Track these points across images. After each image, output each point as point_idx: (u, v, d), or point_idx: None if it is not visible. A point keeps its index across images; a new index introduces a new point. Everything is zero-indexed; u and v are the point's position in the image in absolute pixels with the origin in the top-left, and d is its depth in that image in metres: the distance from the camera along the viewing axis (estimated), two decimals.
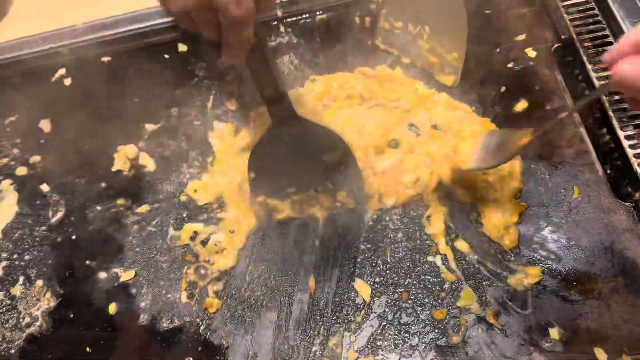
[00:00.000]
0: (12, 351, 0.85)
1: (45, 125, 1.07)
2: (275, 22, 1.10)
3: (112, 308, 0.85)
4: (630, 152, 0.84)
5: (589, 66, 0.93)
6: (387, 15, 1.00)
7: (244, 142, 0.94)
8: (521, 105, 0.92)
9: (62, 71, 1.12)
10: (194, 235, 0.90)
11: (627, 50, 0.53)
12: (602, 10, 0.99)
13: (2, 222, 0.97)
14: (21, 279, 0.91)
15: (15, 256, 0.93)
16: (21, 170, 1.02)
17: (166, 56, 1.10)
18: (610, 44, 0.96)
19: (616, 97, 0.89)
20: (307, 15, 1.10)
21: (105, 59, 1.12)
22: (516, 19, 1.01)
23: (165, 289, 0.86)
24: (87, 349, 0.83)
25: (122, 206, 0.94)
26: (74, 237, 0.93)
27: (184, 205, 0.93)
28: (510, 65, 0.96)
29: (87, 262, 0.90)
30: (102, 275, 0.88)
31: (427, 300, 0.78)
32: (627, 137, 0.85)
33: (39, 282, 0.90)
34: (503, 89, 0.94)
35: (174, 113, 1.03)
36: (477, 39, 0.99)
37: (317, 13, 1.10)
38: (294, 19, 1.10)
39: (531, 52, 0.97)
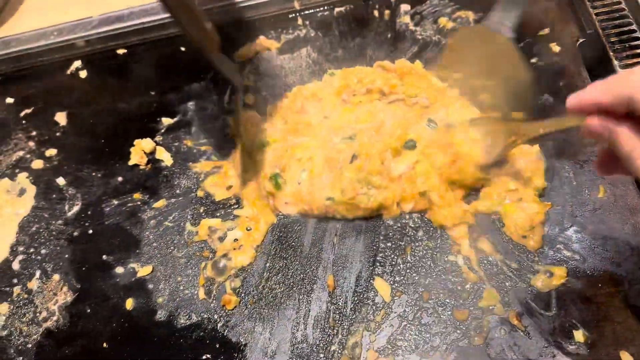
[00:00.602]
0: (29, 345, 0.85)
1: (61, 118, 1.06)
2: (293, 15, 1.08)
3: (129, 303, 0.85)
4: None
5: (615, 62, 0.91)
6: (444, 67, 0.95)
7: (263, 137, 0.93)
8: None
9: (77, 63, 1.12)
10: (211, 230, 0.89)
11: (591, 105, 0.57)
12: (629, 4, 0.97)
13: (18, 216, 0.97)
14: (38, 273, 0.91)
15: (31, 250, 0.93)
16: (37, 164, 1.02)
17: (182, 49, 1.09)
18: (637, 39, 0.93)
19: None
20: (325, 7, 1.08)
21: (121, 51, 1.11)
22: (540, 12, 0.99)
23: (183, 285, 0.85)
24: (104, 345, 0.82)
25: (138, 201, 0.94)
26: (90, 231, 0.92)
27: (201, 201, 0.92)
28: (534, 60, 0.94)
29: (104, 256, 0.89)
30: (119, 270, 0.88)
31: (448, 301, 0.77)
32: None
33: (56, 277, 0.90)
34: None
35: (191, 107, 1.02)
36: None
37: (336, 5, 1.08)
38: (311, 11, 1.09)
39: (555, 47, 0.95)
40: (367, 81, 0.95)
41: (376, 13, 1.05)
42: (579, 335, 0.72)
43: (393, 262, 0.81)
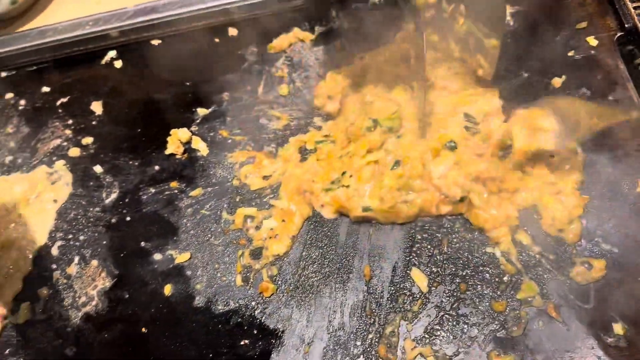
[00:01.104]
0: (69, 329, 0.86)
1: (97, 107, 1.08)
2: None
3: (168, 289, 0.86)
4: None
5: None
6: None
7: (297, 130, 0.93)
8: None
9: (112, 53, 1.13)
10: (248, 219, 0.90)
11: None
12: None
13: (57, 203, 0.98)
14: (76, 258, 0.92)
15: (70, 236, 0.95)
16: (74, 152, 1.03)
17: (216, 40, 1.10)
18: None
19: None
20: None
21: (155, 42, 1.12)
22: (577, 6, 0.98)
23: (220, 272, 0.86)
24: (143, 329, 0.84)
25: (175, 189, 0.95)
26: (128, 218, 0.94)
27: (237, 190, 0.93)
28: (570, 53, 0.94)
29: (142, 243, 0.91)
30: (157, 256, 0.89)
31: (486, 292, 0.77)
32: None
33: (94, 262, 0.91)
34: (563, 77, 0.91)
35: (225, 98, 1.03)
36: (536, 26, 0.97)
37: None
38: (345, 3, 1.08)
39: (593, 41, 0.94)
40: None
41: None
42: (618, 328, 0.72)
43: (429, 253, 0.82)
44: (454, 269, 0.80)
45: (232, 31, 1.10)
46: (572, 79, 0.92)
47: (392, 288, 0.80)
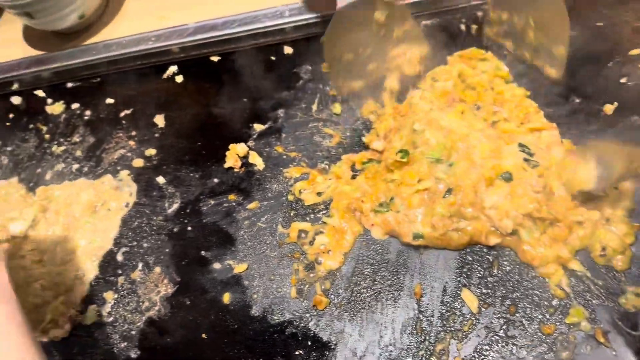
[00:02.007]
0: (133, 332, 0.92)
1: (159, 120, 1.14)
2: None
3: (227, 298, 0.91)
4: None
5: None
6: (495, 5, 1.00)
7: (349, 148, 0.97)
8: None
9: (173, 68, 1.19)
10: (302, 233, 0.94)
11: None
12: None
13: (122, 211, 1.05)
14: (140, 265, 0.98)
15: (134, 243, 1.01)
16: (137, 162, 1.10)
17: (272, 58, 1.15)
18: None
19: None
20: None
21: (214, 58, 1.17)
22: (631, 32, 0.99)
23: (276, 283, 0.91)
24: (203, 335, 0.89)
25: (233, 202, 1.00)
26: (189, 228, 0.99)
27: (291, 205, 0.97)
28: (623, 80, 0.95)
29: (202, 252, 0.96)
30: (217, 266, 0.94)
31: (535, 315, 0.80)
32: None
33: (157, 269, 0.97)
34: (615, 104, 0.93)
35: (281, 114, 1.08)
36: (589, 51, 0.98)
37: (422, 19, 1.10)
38: None
39: None
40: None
41: (463, 27, 1.08)
42: None
43: (480, 275, 0.84)
44: (504, 291, 0.82)
45: (288, 50, 1.15)
46: (624, 106, 0.93)
47: (443, 308, 0.83)
